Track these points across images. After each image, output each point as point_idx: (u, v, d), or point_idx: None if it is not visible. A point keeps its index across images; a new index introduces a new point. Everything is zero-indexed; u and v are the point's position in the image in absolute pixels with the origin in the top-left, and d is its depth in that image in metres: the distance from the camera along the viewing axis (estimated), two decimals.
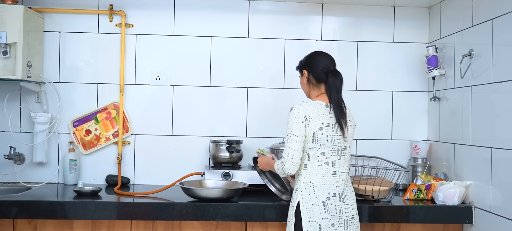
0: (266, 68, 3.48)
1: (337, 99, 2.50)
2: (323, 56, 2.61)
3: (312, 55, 2.64)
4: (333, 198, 2.44)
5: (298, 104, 2.48)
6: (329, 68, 2.55)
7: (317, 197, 2.43)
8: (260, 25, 3.47)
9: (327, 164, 2.46)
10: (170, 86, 3.43)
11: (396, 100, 3.53)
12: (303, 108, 2.45)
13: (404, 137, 3.52)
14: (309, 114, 2.44)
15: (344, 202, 2.47)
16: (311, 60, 2.61)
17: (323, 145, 2.45)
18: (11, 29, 3.01)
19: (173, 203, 2.76)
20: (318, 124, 2.44)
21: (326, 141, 2.45)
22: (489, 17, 2.74)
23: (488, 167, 2.72)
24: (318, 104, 2.49)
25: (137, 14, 3.42)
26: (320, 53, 2.64)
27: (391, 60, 3.52)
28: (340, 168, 2.49)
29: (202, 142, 3.44)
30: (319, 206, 2.42)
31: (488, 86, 2.74)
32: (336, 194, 2.45)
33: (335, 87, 2.51)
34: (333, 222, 2.43)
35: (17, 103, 3.36)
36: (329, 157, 2.46)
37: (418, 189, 2.99)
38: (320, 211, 2.42)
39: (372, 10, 3.50)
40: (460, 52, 3.00)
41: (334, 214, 2.43)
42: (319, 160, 2.46)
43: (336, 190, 2.46)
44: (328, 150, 2.46)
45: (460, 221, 2.86)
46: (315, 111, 2.46)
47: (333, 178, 2.46)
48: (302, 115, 2.44)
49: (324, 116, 2.47)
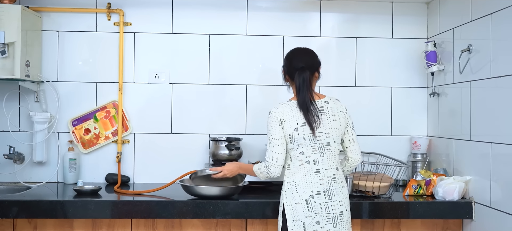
0: (265, 66, 3.48)
1: (302, 99, 2.45)
2: (294, 54, 2.57)
3: (287, 54, 2.61)
4: (317, 196, 2.43)
5: (274, 108, 2.50)
6: (298, 66, 2.50)
7: (300, 195, 2.44)
8: (258, 22, 3.47)
9: (308, 163, 2.45)
10: (169, 84, 3.43)
11: (395, 96, 3.53)
12: (278, 112, 2.47)
13: (403, 132, 3.52)
14: (283, 117, 2.46)
15: (331, 199, 2.45)
16: (286, 60, 2.59)
17: (301, 144, 2.45)
18: (9, 29, 3.01)
19: (173, 201, 2.76)
20: (293, 125, 2.45)
21: (303, 140, 2.45)
22: (487, 12, 2.74)
23: (487, 162, 2.73)
24: (293, 105, 2.49)
25: (135, 13, 3.42)
26: (293, 51, 2.60)
27: (390, 56, 3.52)
28: (324, 165, 2.47)
29: (202, 139, 3.44)
30: (302, 204, 2.43)
31: (487, 81, 2.74)
32: (321, 191, 2.44)
33: (299, 86, 2.47)
34: (318, 220, 2.42)
35: (16, 103, 3.35)
36: (309, 155, 2.45)
37: (418, 184, 3.00)
38: (303, 209, 2.42)
39: (370, 6, 3.50)
40: (459, 48, 3.00)
41: (318, 212, 2.42)
42: (300, 160, 2.46)
43: (321, 187, 2.44)
44: (306, 148, 2.45)
45: (460, 216, 2.86)
46: (289, 113, 2.46)
47: (316, 176, 2.45)
48: (278, 118, 2.46)
49: (299, 116, 2.46)
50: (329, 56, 3.50)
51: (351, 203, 2.78)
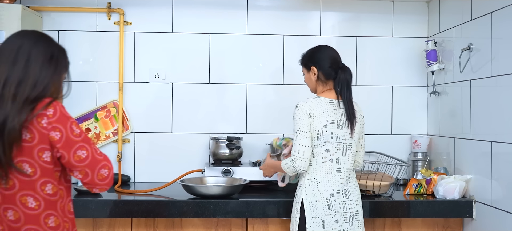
0: (266, 65, 3.47)
1: (348, 96, 2.47)
2: (331, 51, 2.55)
3: (319, 51, 2.57)
4: (337, 195, 2.43)
5: (303, 102, 2.46)
6: (338, 64, 2.52)
7: (321, 193, 2.42)
8: (259, 21, 3.47)
9: (332, 161, 2.45)
10: (170, 83, 3.43)
11: (395, 95, 3.53)
12: (307, 106, 2.44)
13: (404, 131, 3.52)
14: (313, 112, 2.42)
15: (348, 198, 2.45)
16: (319, 56, 2.54)
17: (327, 142, 2.43)
18: (9, 28, 3.00)
19: (174, 201, 2.76)
20: (323, 121, 2.43)
21: (330, 138, 2.43)
22: (488, 11, 2.74)
23: (488, 160, 2.72)
24: (323, 101, 2.47)
25: (135, 12, 3.42)
26: (327, 48, 2.58)
27: (390, 55, 3.52)
28: (345, 164, 2.47)
29: (202, 139, 3.43)
30: (322, 202, 2.41)
31: (488, 80, 2.74)
32: (340, 190, 2.44)
33: (346, 83, 2.47)
34: (337, 219, 2.42)
35: None
36: (333, 153, 2.45)
37: (418, 183, 2.99)
38: (324, 207, 2.41)
39: (370, 5, 3.50)
40: (459, 46, 3.00)
41: (338, 210, 2.42)
42: (323, 157, 2.44)
43: (340, 186, 2.45)
44: (332, 146, 2.44)
45: (461, 215, 2.86)
46: (320, 109, 2.44)
47: (337, 174, 2.45)
48: (307, 112, 2.42)
49: (329, 113, 2.45)
50: None
51: None
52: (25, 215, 1.69)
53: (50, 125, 1.71)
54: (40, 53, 1.78)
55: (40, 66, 1.76)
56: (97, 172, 1.78)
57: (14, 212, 1.69)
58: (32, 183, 1.70)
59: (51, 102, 1.75)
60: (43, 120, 1.70)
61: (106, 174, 1.80)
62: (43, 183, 1.72)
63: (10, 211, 1.69)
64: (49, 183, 1.74)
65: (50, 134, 1.70)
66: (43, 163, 1.71)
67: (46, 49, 1.81)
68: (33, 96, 1.71)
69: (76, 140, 1.75)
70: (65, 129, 1.74)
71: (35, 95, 1.72)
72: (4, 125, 1.63)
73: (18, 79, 1.70)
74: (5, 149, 1.64)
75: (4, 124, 1.64)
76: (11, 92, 1.68)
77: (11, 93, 1.68)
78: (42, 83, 1.75)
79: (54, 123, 1.71)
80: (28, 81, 1.71)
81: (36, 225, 1.70)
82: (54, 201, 1.75)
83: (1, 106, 1.67)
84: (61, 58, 1.88)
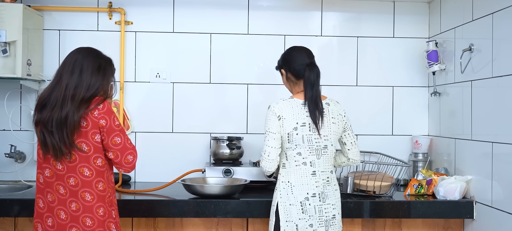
0: (266, 65, 3.47)
1: (312, 96, 2.42)
2: (298, 51, 2.54)
3: (287, 52, 2.58)
4: (312, 198, 2.42)
5: (274, 103, 2.46)
6: (305, 62, 2.48)
7: (295, 197, 2.41)
8: (259, 21, 3.47)
9: (305, 164, 2.43)
10: (170, 83, 3.43)
11: (396, 96, 3.53)
12: (278, 107, 2.44)
13: (404, 132, 3.52)
14: (282, 114, 2.42)
15: (325, 202, 2.43)
16: (287, 57, 2.55)
17: (298, 145, 2.42)
18: (11, 28, 3.01)
19: (174, 200, 2.76)
20: (292, 124, 2.41)
21: (301, 141, 2.42)
22: (489, 12, 2.74)
23: (489, 161, 2.72)
24: (294, 103, 2.45)
25: (136, 12, 3.42)
26: (295, 49, 2.58)
27: (391, 56, 3.52)
28: (320, 167, 2.44)
29: (203, 138, 3.44)
30: (296, 206, 2.41)
31: (489, 80, 2.74)
32: (316, 194, 2.43)
33: (310, 83, 2.43)
34: (311, 223, 2.40)
35: (17, 102, 3.36)
36: (306, 157, 2.43)
37: (419, 184, 2.99)
38: (297, 211, 2.40)
39: (372, 6, 3.50)
40: (460, 47, 3.00)
41: (312, 214, 2.41)
42: (296, 160, 2.43)
43: (316, 190, 2.43)
44: (304, 150, 2.42)
45: (461, 215, 2.86)
46: (290, 111, 2.42)
47: (312, 178, 2.43)
48: (276, 114, 2.42)
49: (300, 115, 2.43)
50: (330, 56, 3.50)
51: (352, 203, 2.78)
52: (82, 181, 2.23)
53: (100, 115, 2.23)
54: (90, 64, 2.29)
55: (90, 74, 2.27)
56: (125, 156, 2.29)
57: (74, 179, 2.23)
58: (87, 158, 2.23)
59: (103, 101, 2.27)
60: (95, 112, 2.23)
61: (131, 159, 2.32)
62: (95, 158, 2.25)
63: (72, 179, 2.23)
64: (99, 157, 2.26)
65: (100, 122, 2.23)
66: (95, 143, 2.24)
67: (95, 61, 2.31)
68: (87, 97, 2.24)
69: (115, 129, 2.27)
70: (109, 119, 2.25)
71: (88, 96, 2.24)
72: (66, 118, 2.18)
73: (75, 85, 2.24)
74: (68, 135, 2.19)
75: (66, 117, 2.19)
76: (70, 94, 2.22)
77: (70, 95, 2.22)
78: (93, 87, 2.26)
79: (103, 114, 2.24)
80: (82, 85, 2.24)
81: (90, 188, 2.23)
82: (103, 171, 2.27)
83: (64, 105, 2.20)
84: (107, 67, 2.36)
